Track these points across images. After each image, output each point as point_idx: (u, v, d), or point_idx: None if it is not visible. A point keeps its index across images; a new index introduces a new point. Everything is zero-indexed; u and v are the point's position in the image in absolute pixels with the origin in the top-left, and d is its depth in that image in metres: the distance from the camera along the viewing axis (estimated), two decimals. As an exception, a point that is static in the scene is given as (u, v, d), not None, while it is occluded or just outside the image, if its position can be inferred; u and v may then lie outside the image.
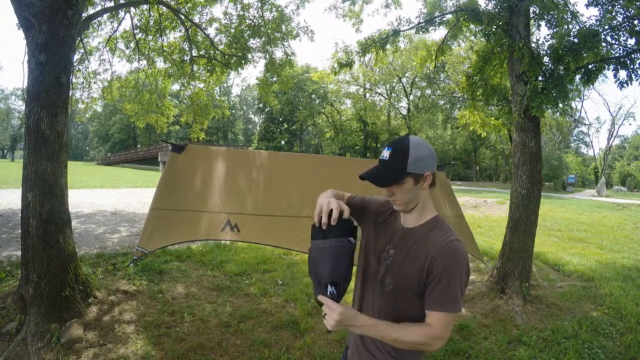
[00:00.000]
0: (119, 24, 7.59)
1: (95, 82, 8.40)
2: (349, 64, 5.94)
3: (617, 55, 4.21)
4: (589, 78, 4.23)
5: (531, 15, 4.65)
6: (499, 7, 4.63)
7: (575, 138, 48.76)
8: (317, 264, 1.14)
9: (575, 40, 4.07)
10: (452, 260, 1.12)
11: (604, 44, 4.14)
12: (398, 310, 1.21)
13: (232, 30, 7.53)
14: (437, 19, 5.36)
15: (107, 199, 12.13)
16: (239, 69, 7.67)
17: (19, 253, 3.68)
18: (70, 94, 4.02)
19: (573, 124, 37.19)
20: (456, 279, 1.12)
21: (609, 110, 64.91)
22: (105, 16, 7.04)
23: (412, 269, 1.18)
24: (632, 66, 4.06)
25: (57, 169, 3.29)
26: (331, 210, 1.16)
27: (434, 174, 1.22)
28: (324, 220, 1.15)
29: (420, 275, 1.16)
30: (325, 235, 1.15)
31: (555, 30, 4.37)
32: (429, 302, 1.14)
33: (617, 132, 40.16)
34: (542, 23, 4.68)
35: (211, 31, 7.78)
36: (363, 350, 1.30)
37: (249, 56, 7.62)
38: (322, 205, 1.19)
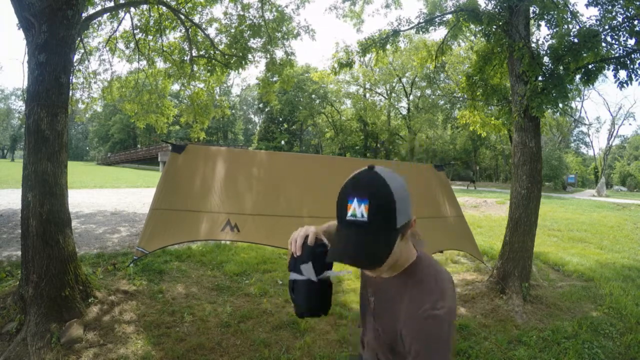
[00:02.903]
0: (119, 24, 7.61)
1: (95, 82, 8.43)
2: (349, 64, 5.93)
3: (617, 55, 4.21)
4: (589, 78, 4.23)
5: (531, 15, 4.65)
6: (499, 7, 4.63)
7: (575, 138, 48.78)
8: (293, 295, 1.07)
9: (575, 40, 4.06)
10: (424, 339, 0.88)
11: (604, 44, 4.14)
12: (394, 351, 1.02)
13: (232, 31, 7.54)
14: (437, 19, 5.36)
15: (107, 199, 12.13)
16: (239, 69, 7.68)
17: (19, 253, 3.67)
18: (70, 94, 4.02)
19: (573, 124, 37.21)
20: (432, 355, 0.87)
21: (609, 110, 64.98)
22: (105, 16, 7.05)
23: (393, 327, 0.98)
24: (632, 66, 4.06)
25: (57, 169, 3.28)
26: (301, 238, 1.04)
27: None
28: (292, 249, 1.03)
29: (398, 337, 0.97)
30: (294, 265, 1.05)
31: (555, 30, 4.37)
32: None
33: (617, 132, 40.26)
34: (542, 23, 4.68)
35: (211, 31, 7.79)
36: None
37: (250, 56, 7.63)
38: (293, 234, 1.05)
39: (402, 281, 0.97)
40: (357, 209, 0.84)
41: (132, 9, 7.17)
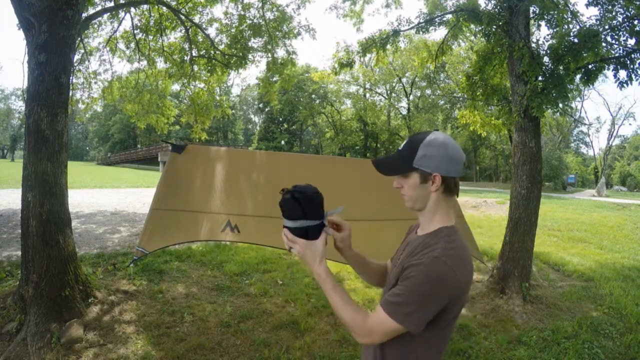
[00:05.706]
0: (119, 24, 7.61)
1: (95, 82, 8.44)
2: (349, 64, 5.93)
3: (617, 55, 4.21)
4: (589, 78, 4.23)
5: (531, 15, 4.65)
6: (499, 7, 4.63)
7: (575, 138, 48.71)
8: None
9: (575, 40, 4.06)
10: (419, 273, 1.00)
11: (604, 44, 4.14)
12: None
13: (233, 31, 7.54)
14: (437, 19, 5.36)
15: (107, 199, 12.13)
16: (240, 69, 7.69)
17: (19, 253, 3.68)
18: (70, 94, 4.02)
19: (573, 124, 37.18)
20: (413, 292, 0.99)
21: (609, 110, 64.86)
22: (105, 16, 7.05)
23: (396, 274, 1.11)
24: (632, 66, 4.06)
25: (57, 169, 3.29)
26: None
27: (450, 180, 1.09)
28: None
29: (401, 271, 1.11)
30: (304, 213, 1.19)
31: (555, 30, 4.37)
32: (382, 297, 1.10)
33: (617, 132, 40.18)
34: (542, 23, 4.68)
35: (211, 31, 7.80)
36: None
37: (250, 56, 7.64)
38: None
39: (425, 240, 1.11)
40: (402, 143, 1.18)
41: (132, 9, 7.17)
